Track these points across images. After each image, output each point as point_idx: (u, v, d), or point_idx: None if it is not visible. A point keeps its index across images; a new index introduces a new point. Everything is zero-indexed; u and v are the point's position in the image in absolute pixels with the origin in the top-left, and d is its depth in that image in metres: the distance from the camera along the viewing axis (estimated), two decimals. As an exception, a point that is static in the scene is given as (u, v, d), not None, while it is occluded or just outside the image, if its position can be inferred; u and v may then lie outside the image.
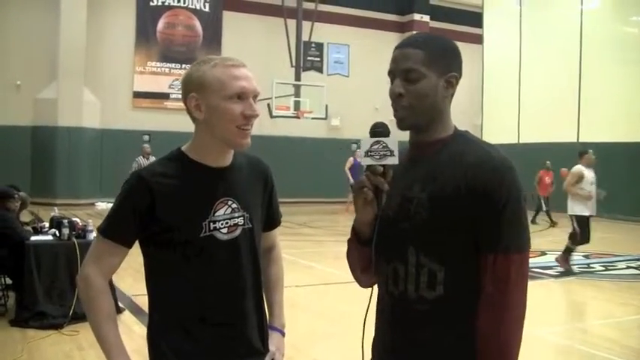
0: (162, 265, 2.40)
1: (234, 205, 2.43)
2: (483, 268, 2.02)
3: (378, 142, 2.06)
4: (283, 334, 2.73)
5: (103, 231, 2.39)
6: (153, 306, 2.45)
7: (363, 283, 2.40)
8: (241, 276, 2.44)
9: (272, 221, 2.75)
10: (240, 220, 2.44)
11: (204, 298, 2.37)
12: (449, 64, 2.14)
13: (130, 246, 2.39)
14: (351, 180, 16.41)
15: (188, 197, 2.36)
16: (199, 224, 2.35)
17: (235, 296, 2.43)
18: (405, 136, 2.24)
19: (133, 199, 2.35)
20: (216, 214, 2.38)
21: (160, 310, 2.43)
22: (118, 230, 2.37)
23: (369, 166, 2.07)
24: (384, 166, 2.06)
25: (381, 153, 2.06)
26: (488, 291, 2.00)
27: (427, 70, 2.09)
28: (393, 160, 2.05)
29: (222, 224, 2.39)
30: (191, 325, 2.37)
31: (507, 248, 1.99)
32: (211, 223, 2.37)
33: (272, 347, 2.60)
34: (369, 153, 2.06)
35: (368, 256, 2.23)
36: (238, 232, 2.43)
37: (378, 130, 2.09)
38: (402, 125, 2.16)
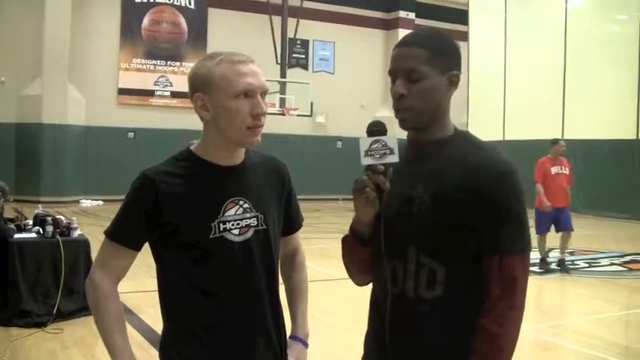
0: (172, 269, 2.31)
1: (245, 205, 2.32)
2: (488, 270, 2.02)
3: (377, 141, 2.03)
4: (306, 345, 2.59)
5: (109, 234, 2.32)
6: (164, 312, 2.37)
7: (359, 282, 2.38)
8: (255, 280, 2.33)
9: (292, 224, 2.63)
10: (253, 221, 2.33)
11: (216, 303, 2.28)
12: (450, 63, 2.12)
13: (137, 249, 2.31)
14: None
15: (196, 197, 2.27)
16: (208, 225, 2.26)
17: (249, 301, 2.32)
18: (403, 134, 2.23)
19: (138, 200, 2.27)
20: (226, 214, 2.28)
21: (171, 316, 2.35)
22: (123, 233, 2.30)
23: (369, 166, 2.03)
24: (384, 164, 2.03)
25: (381, 152, 2.02)
26: (495, 292, 2.00)
27: (429, 70, 2.06)
28: (394, 159, 2.02)
29: (232, 225, 2.29)
30: (202, 332, 2.28)
31: (512, 250, 2.02)
32: (221, 224, 2.27)
33: (291, 358, 2.49)
34: (369, 152, 2.03)
35: (367, 256, 2.22)
36: (251, 233, 2.32)
37: (376, 129, 2.05)
38: (404, 125, 2.14)
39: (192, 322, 2.29)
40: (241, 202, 2.32)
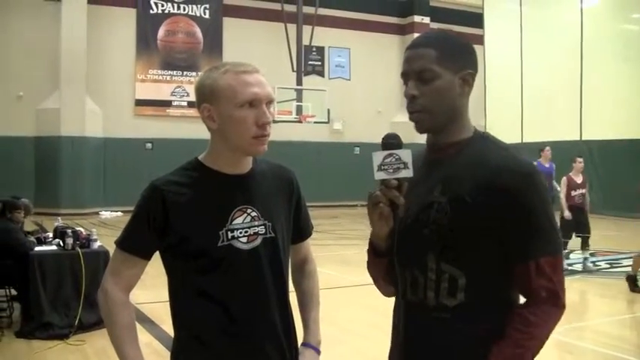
0: (182, 278, 2.32)
1: (253, 214, 2.33)
2: (523, 276, 1.98)
3: (390, 155, 1.99)
4: (318, 352, 2.57)
5: (119, 243, 2.34)
6: (175, 321, 2.38)
7: (387, 293, 2.36)
8: (264, 288, 2.33)
9: (302, 232, 2.62)
10: (261, 229, 2.34)
11: (225, 311, 2.28)
12: (463, 61, 2.08)
13: (148, 258, 2.33)
14: None
15: (203, 206, 2.28)
16: (216, 233, 2.27)
17: (258, 309, 2.32)
18: (423, 138, 2.20)
19: (147, 209, 2.29)
20: (234, 222, 2.29)
21: (181, 324, 2.36)
22: (134, 242, 2.32)
23: (383, 181, 2.00)
24: (398, 179, 2.00)
25: (395, 166, 1.98)
26: (542, 294, 1.97)
27: (441, 69, 2.03)
28: (408, 173, 1.98)
29: (240, 233, 2.30)
30: (212, 339, 2.28)
31: (548, 252, 1.97)
32: (229, 232, 2.28)
33: None
34: (382, 167, 1.99)
35: (386, 268, 2.21)
36: (259, 241, 2.33)
37: (390, 142, 2.01)
38: (419, 128, 2.10)
39: (201, 330, 2.30)
40: (249, 211, 2.33)
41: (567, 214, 11.42)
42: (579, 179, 11.90)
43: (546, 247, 1.97)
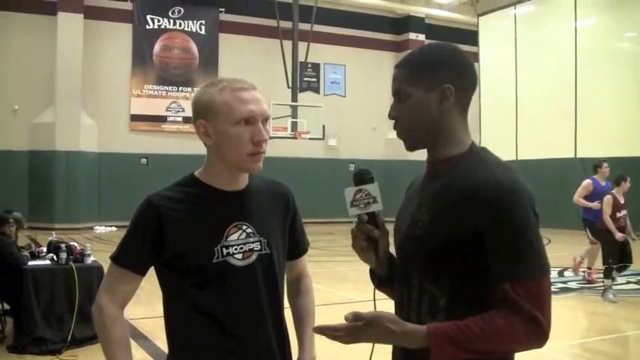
0: (177, 294, 2.33)
1: (249, 230, 2.34)
2: (502, 299, 1.81)
3: (360, 191, 2.07)
4: None
5: (114, 258, 2.34)
6: (169, 336, 2.39)
7: None
8: (259, 304, 2.34)
9: (298, 249, 2.64)
10: (256, 246, 2.35)
11: (220, 326, 2.28)
12: (438, 76, 2.01)
13: (142, 273, 2.33)
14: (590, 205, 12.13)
15: (199, 222, 2.29)
16: (211, 250, 2.27)
17: (253, 325, 2.33)
18: (415, 155, 2.23)
19: (142, 225, 2.30)
20: (229, 238, 2.30)
21: (175, 340, 2.36)
22: (128, 257, 2.32)
23: (358, 216, 2.07)
24: (370, 213, 2.06)
25: (365, 201, 2.06)
26: (524, 318, 1.78)
27: (411, 88, 2.03)
28: (377, 207, 2.06)
29: (235, 249, 2.30)
30: (208, 355, 2.29)
31: (538, 273, 1.83)
32: (224, 249, 2.28)
33: None
34: (354, 203, 2.07)
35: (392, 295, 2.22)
36: (254, 257, 2.33)
37: (360, 179, 2.08)
38: (405, 146, 2.13)
39: (196, 346, 2.30)
40: (244, 227, 2.34)
41: (620, 235, 10.67)
42: (622, 199, 11.18)
43: (529, 270, 1.82)
